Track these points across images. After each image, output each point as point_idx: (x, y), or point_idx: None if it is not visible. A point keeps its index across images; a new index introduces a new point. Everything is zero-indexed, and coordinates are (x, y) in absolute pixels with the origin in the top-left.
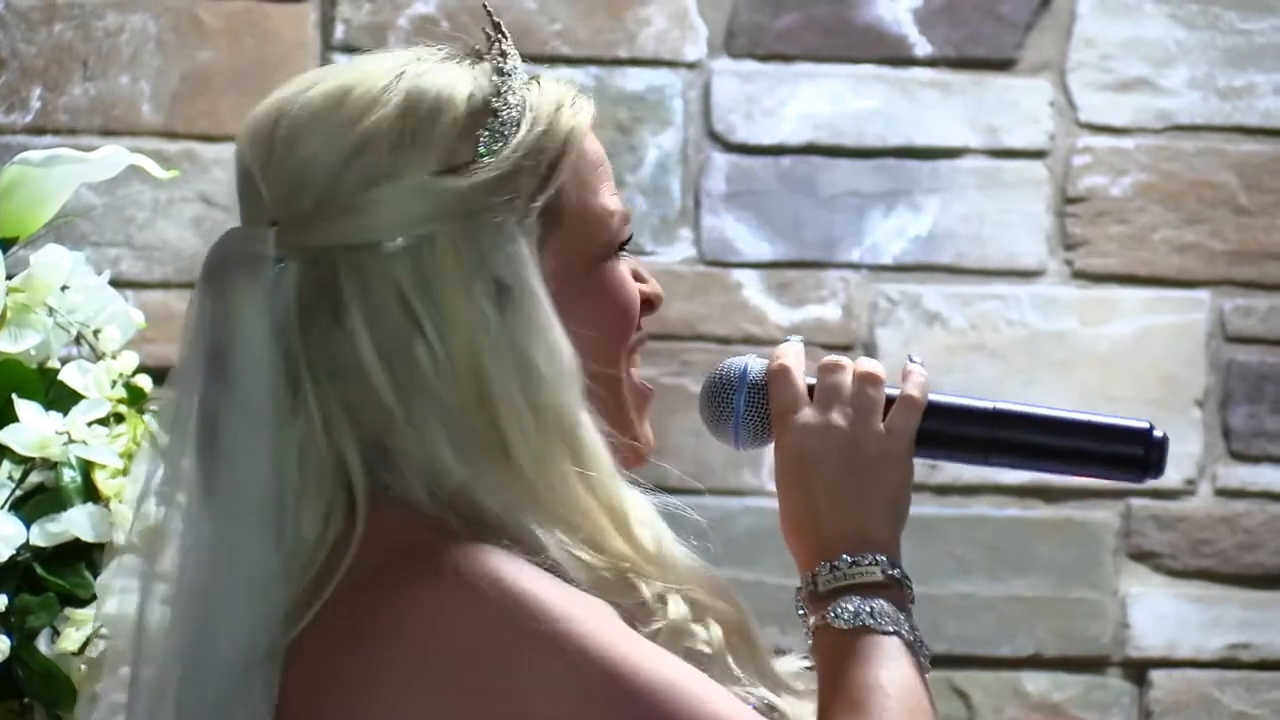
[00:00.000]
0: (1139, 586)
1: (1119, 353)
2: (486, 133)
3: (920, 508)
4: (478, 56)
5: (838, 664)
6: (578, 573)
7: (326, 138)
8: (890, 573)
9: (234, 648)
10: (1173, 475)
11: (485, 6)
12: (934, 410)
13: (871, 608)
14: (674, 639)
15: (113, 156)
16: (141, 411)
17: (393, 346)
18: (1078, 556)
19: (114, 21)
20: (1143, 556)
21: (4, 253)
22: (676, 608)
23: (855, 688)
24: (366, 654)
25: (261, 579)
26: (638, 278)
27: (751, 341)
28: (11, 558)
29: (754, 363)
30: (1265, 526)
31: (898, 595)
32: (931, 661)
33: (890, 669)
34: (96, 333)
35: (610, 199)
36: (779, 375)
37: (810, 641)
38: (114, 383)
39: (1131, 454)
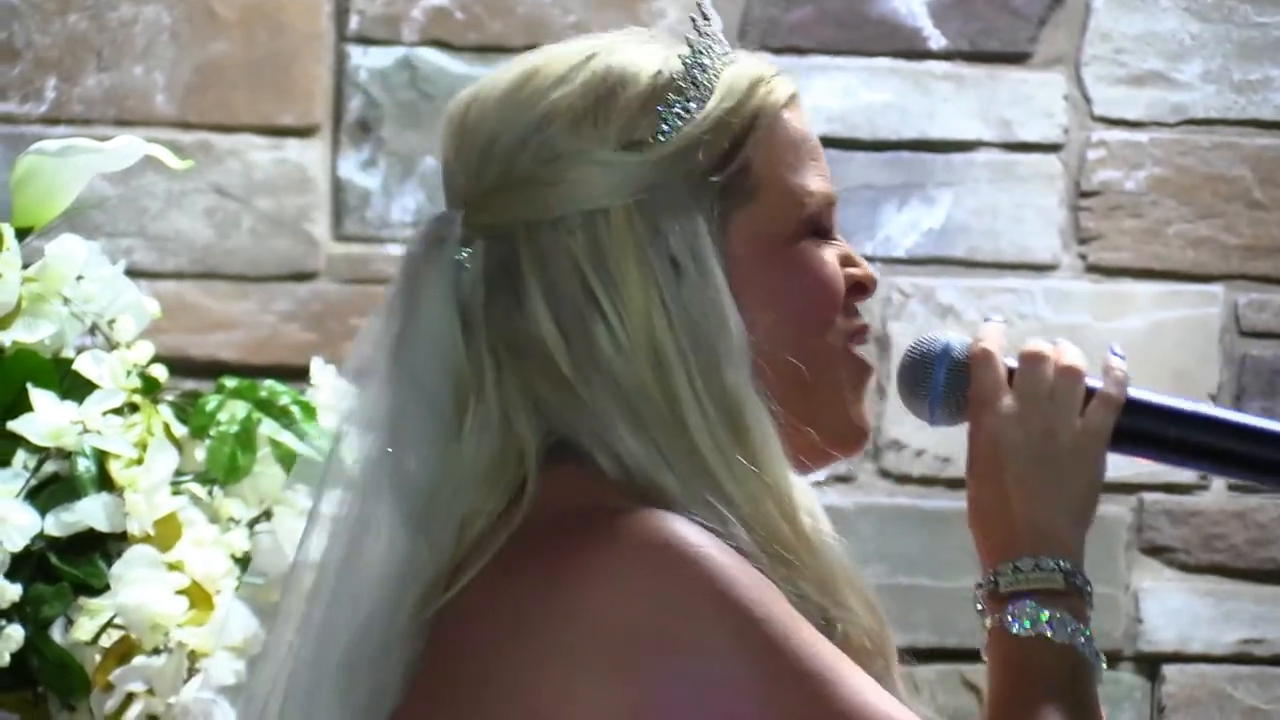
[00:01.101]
0: (1151, 581)
1: (1132, 347)
2: (667, 109)
3: (933, 500)
4: (682, 40)
5: (1010, 672)
6: (748, 548)
7: (510, 116)
8: (1072, 580)
9: (378, 615)
10: (1185, 470)
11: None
12: (1132, 407)
13: (1049, 616)
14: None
15: (127, 147)
16: (156, 401)
17: (571, 322)
18: (1090, 550)
19: (128, 12)
20: (1155, 551)
21: (19, 242)
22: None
23: (1023, 698)
24: (539, 618)
25: (420, 558)
26: (848, 261)
27: None
28: (26, 547)
29: (956, 340)
30: (1278, 521)
31: (1077, 603)
32: (942, 655)
33: (1060, 681)
34: (111, 323)
35: (812, 179)
36: (981, 359)
37: (985, 639)
38: (128, 372)
39: None
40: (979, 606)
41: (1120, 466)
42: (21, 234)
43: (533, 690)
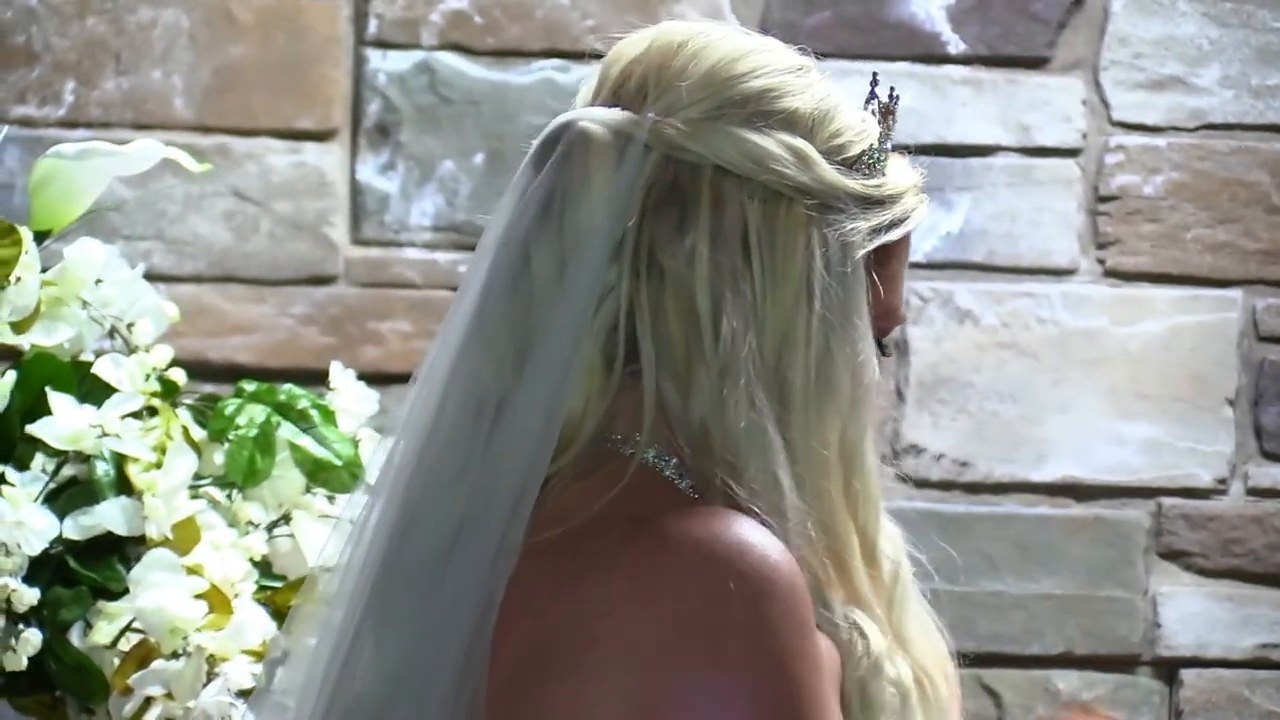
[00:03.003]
0: (1170, 586)
1: (1150, 352)
2: (868, 156)
3: (951, 505)
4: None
5: None
6: (807, 546)
7: (738, 74)
8: None
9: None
10: (1204, 475)
11: (891, 92)
12: None
13: None
14: (873, 671)
15: (146, 150)
16: (174, 405)
17: (725, 269)
18: (1108, 555)
19: (146, 16)
20: (1173, 556)
21: (38, 246)
22: (878, 642)
23: None
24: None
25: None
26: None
27: None
28: (44, 551)
29: None
30: None
31: None
32: (961, 659)
33: None
34: (130, 326)
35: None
36: None
37: None
38: (147, 376)
39: None
40: None
41: (1138, 470)
42: (40, 237)
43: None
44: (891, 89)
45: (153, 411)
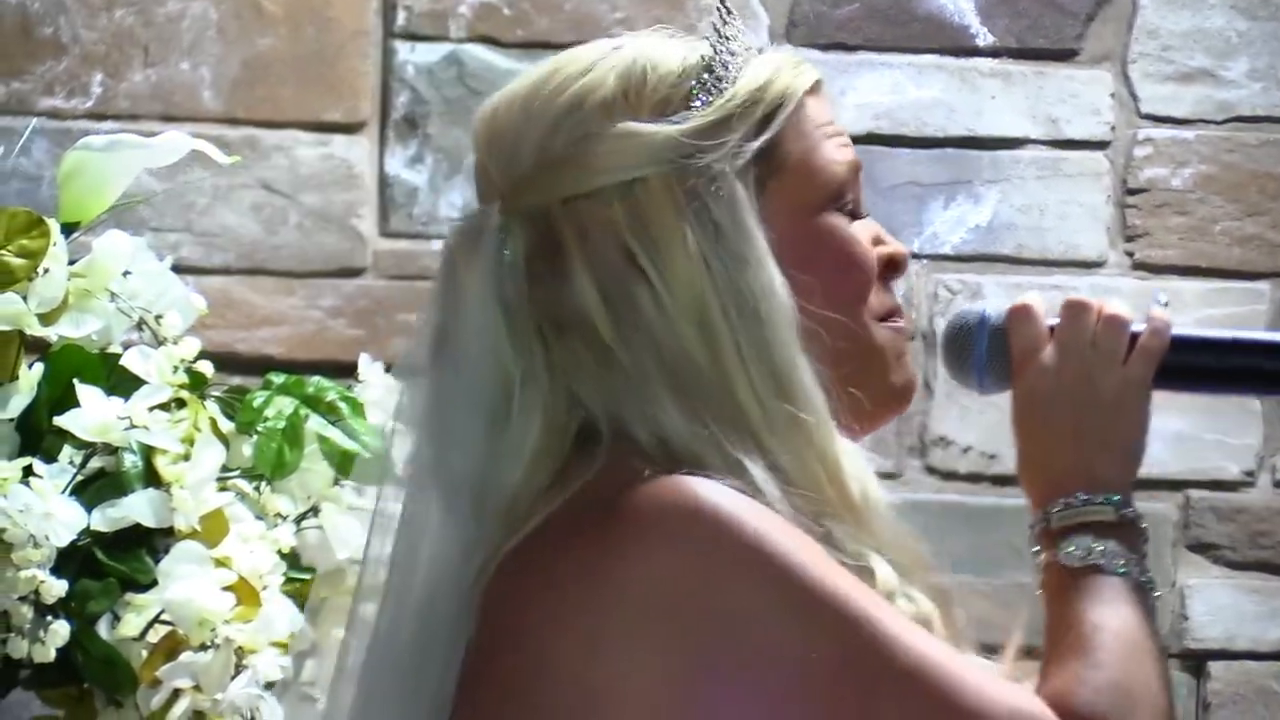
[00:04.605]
0: (1197, 578)
1: None
2: (699, 85)
3: (978, 498)
4: (703, 39)
5: (1065, 603)
6: (788, 510)
7: (540, 106)
8: (1123, 512)
9: (437, 605)
10: (1231, 467)
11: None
12: (1174, 344)
13: (1103, 547)
14: None
15: (174, 142)
16: (203, 397)
17: (614, 289)
18: None
19: (175, 8)
20: (1201, 548)
21: (66, 238)
22: (884, 572)
23: (1080, 627)
24: (583, 601)
25: (466, 539)
26: (878, 241)
27: None
28: (72, 543)
29: (994, 306)
30: None
31: (1130, 536)
32: (989, 652)
33: (1116, 609)
34: (158, 318)
35: (834, 151)
36: (1020, 315)
37: (1041, 578)
38: (175, 368)
39: None
40: (1034, 549)
41: (1166, 463)
42: (68, 229)
43: (583, 671)
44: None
45: (181, 403)
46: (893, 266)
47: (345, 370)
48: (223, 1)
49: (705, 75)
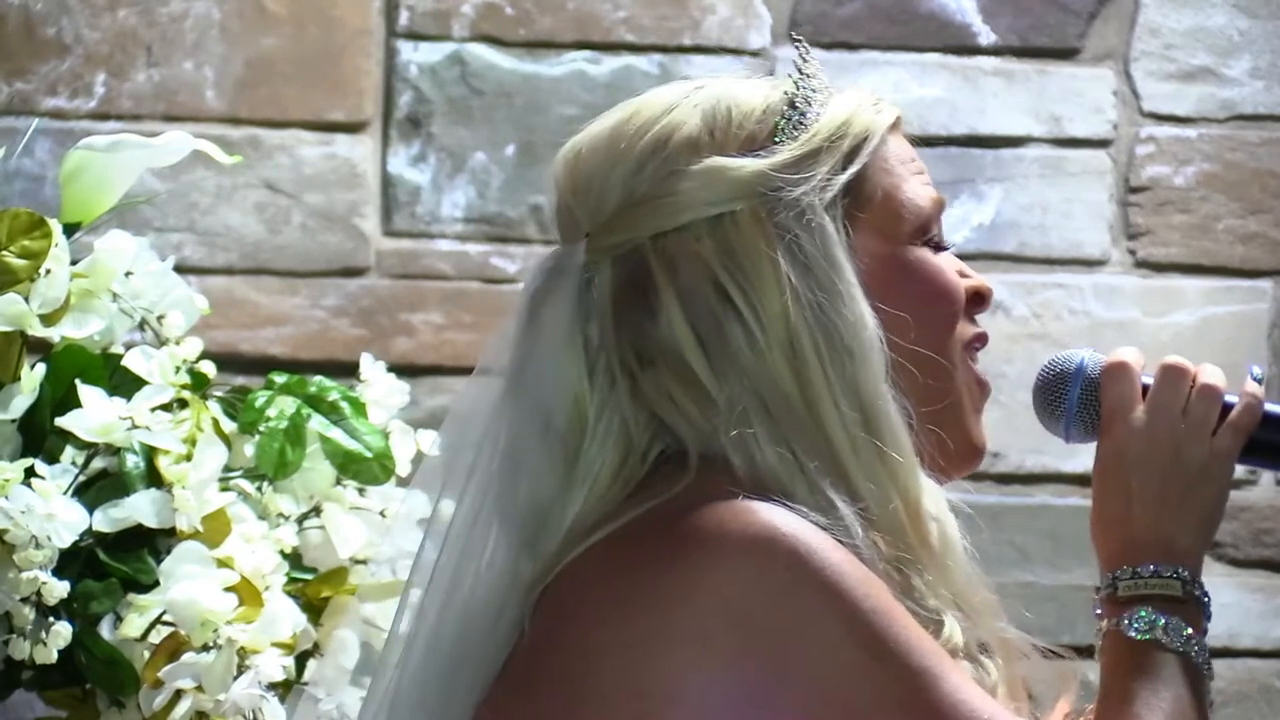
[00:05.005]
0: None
1: (1181, 342)
2: (784, 121)
3: (982, 496)
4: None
5: (1123, 673)
6: (869, 551)
7: (625, 145)
8: (1190, 589)
9: (484, 621)
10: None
11: (794, 36)
12: (1265, 420)
13: (1166, 622)
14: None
15: (177, 142)
16: (205, 397)
17: (707, 323)
18: None
19: (178, 7)
20: None
21: (68, 238)
22: (953, 629)
23: (1135, 702)
24: (650, 599)
25: (518, 568)
26: (963, 275)
27: None
28: (74, 544)
29: (1091, 357)
30: None
31: (1194, 614)
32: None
33: (1172, 689)
34: (160, 318)
35: (919, 187)
36: (1116, 371)
37: (1100, 643)
38: (177, 368)
39: None
40: (1097, 610)
41: None
42: (70, 229)
43: (642, 669)
44: (795, 37)
45: (183, 404)
46: (979, 299)
47: (348, 370)
48: (226, 1)
49: (789, 111)
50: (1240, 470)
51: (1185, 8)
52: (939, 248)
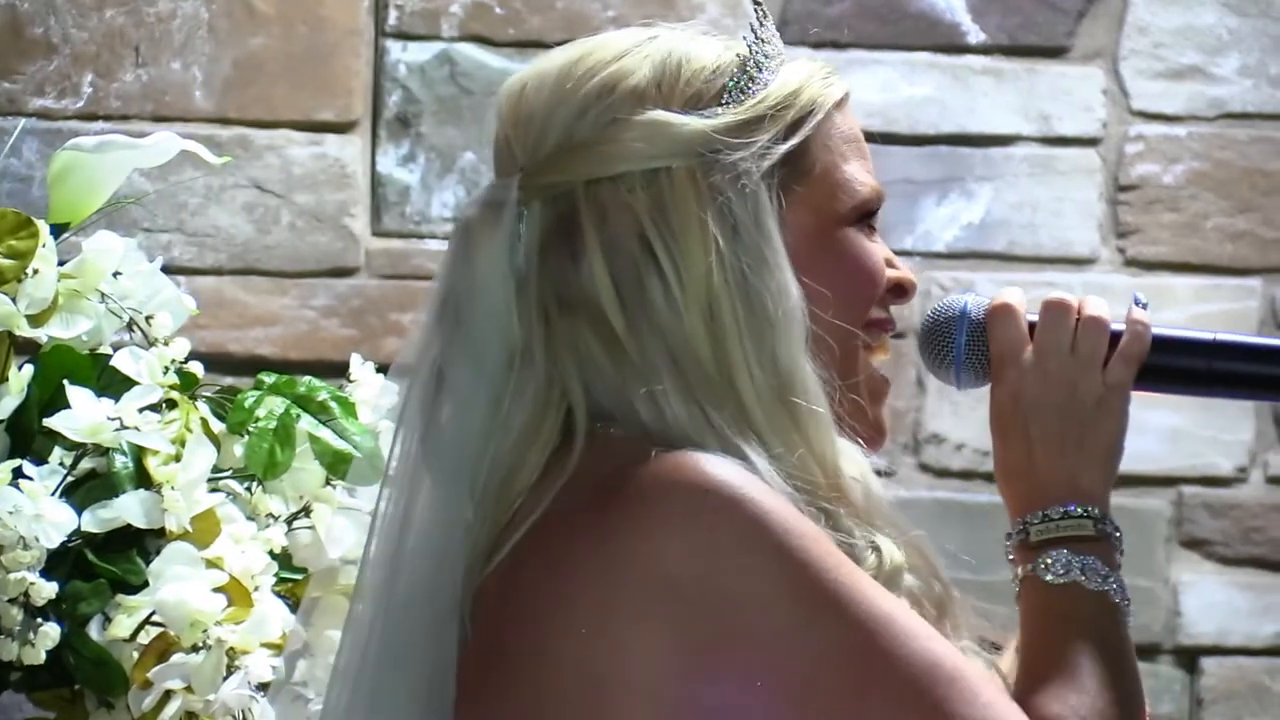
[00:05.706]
0: (1190, 574)
1: None
2: (732, 83)
3: (973, 495)
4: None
5: (1045, 619)
6: (790, 497)
7: (571, 86)
8: (1101, 526)
9: (427, 585)
10: (1224, 463)
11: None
12: (1155, 345)
13: (1082, 563)
14: (888, 585)
15: (165, 142)
16: (193, 397)
17: (626, 275)
18: (1129, 544)
19: (166, 7)
20: (1194, 544)
21: (56, 239)
22: (892, 553)
23: (1061, 647)
24: (586, 580)
25: (460, 520)
26: (890, 263)
27: None
28: (63, 544)
29: (974, 301)
30: None
31: (1107, 550)
32: (984, 648)
33: (1096, 627)
34: (149, 319)
35: (860, 172)
36: (1001, 314)
37: (1017, 589)
38: (166, 369)
39: None
40: (1010, 557)
41: (1159, 459)
42: (58, 230)
43: (589, 656)
44: (757, 3)
45: (171, 404)
46: (900, 291)
47: (337, 370)
48: (214, 1)
49: (739, 74)
50: (1230, 468)
51: (1174, 6)
52: (872, 233)
